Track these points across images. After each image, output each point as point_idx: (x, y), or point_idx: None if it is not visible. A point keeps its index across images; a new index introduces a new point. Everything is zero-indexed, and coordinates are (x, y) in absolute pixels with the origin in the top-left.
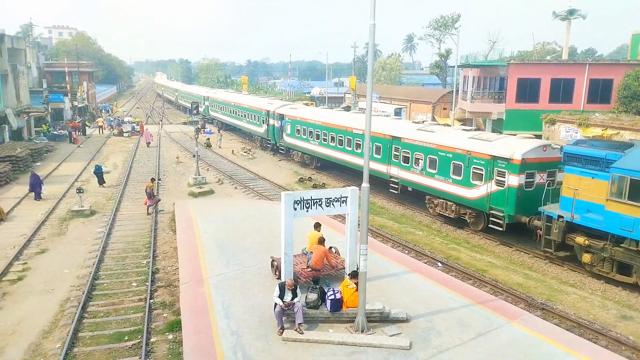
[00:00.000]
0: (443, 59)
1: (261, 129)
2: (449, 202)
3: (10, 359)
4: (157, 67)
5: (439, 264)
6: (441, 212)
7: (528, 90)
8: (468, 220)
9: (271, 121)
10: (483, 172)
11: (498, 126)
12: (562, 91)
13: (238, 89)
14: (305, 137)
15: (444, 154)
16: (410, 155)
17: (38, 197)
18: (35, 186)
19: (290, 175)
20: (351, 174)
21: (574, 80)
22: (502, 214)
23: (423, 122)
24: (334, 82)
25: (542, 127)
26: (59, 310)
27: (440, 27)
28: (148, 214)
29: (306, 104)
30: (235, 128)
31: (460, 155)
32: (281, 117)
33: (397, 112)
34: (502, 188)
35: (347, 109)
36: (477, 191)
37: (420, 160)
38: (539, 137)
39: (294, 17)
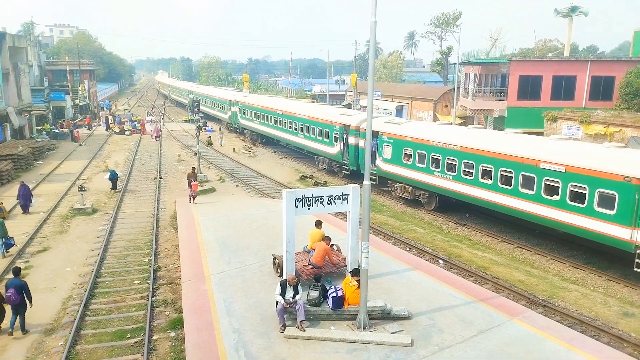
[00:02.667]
0: (444, 56)
1: (332, 149)
2: None
3: (13, 356)
4: (158, 65)
5: (441, 262)
6: None
7: (530, 88)
8: None
9: (351, 140)
10: None
11: (500, 124)
12: (563, 88)
13: (239, 87)
14: (422, 165)
15: None
16: None
17: (26, 210)
18: (25, 198)
19: (291, 173)
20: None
21: (575, 78)
22: None
23: None
24: (335, 79)
25: (544, 124)
26: (62, 308)
27: (441, 24)
28: (195, 202)
29: (307, 102)
30: (273, 141)
31: None
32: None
33: (399, 110)
34: None
35: (349, 106)
36: None
37: None
38: (540, 134)
39: (295, 15)
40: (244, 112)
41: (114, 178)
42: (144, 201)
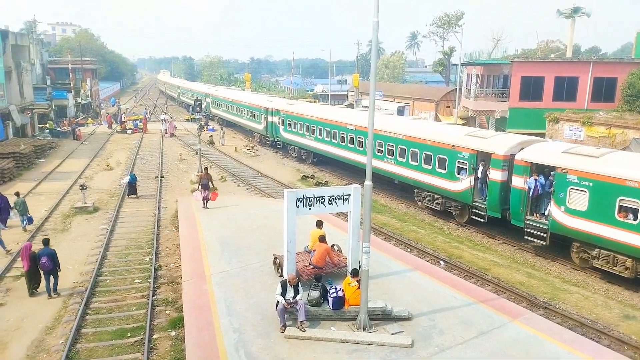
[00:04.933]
0: (446, 56)
1: (454, 185)
2: None
3: (13, 354)
4: (160, 64)
5: (442, 263)
6: None
7: (532, 89)
8: None
9: (493, 174)
10: None
11: (501, 125)
12: (565, 89)
13: (241, 87)
14: None
15: None
16: None
17: (4, 223)
18: (2, 211)
19: (293, 173)
20: (354, 171)
21: (577, 79)
22: None
23: None
24: (337, 79)
25: (546, 125)
26: (62, 306)
27: (443, 24)
28: (206, 207)
29: (309, 102)
30: (330, 160)
31: None
32: (536, 168)
33: (400, 110)
34: None
35: (350, 106)
36: None
37: None
38: (542, 136)
39: (297, 15)
40: (288, 124)
41: (133, 182)
42: (145, 200)
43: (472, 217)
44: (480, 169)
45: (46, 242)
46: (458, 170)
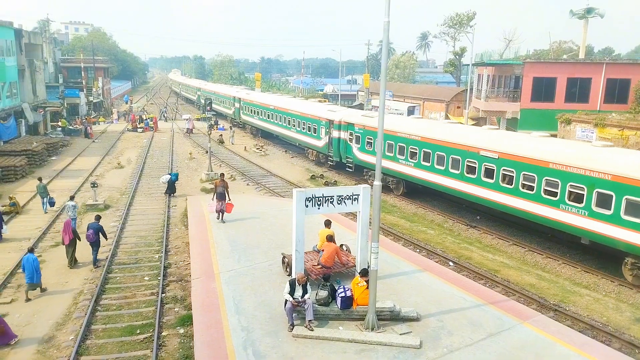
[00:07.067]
0: (457, 57)
1: None
2: None
3: (24, 350)
4: (171, 63)
5: (451, 263)
6: None
7: (543, 90)
8: None
9: None
10: None
11: (512, 125)
12: (578, 91)
13: (251, 86)
14: None
15: None
16: None
17: None
18: None
19: (302, 172)
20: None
21: (590, 80)
22: None
23: None
24: (347, 79)
25: (558, 126)
26: (73, 302)
27: (455, 25)
28: (222, 221)
29: (319, 101)
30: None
31: None
32: None
33: (411, 110)
34: None
35: (360, 106)
36: None
37: None
38: (554, 137)
39: (307, 14)
40: (368, 143)
41: (175, 179)
42: (155, 198)
43: None
44: None
45: (98, 218)
46: None
